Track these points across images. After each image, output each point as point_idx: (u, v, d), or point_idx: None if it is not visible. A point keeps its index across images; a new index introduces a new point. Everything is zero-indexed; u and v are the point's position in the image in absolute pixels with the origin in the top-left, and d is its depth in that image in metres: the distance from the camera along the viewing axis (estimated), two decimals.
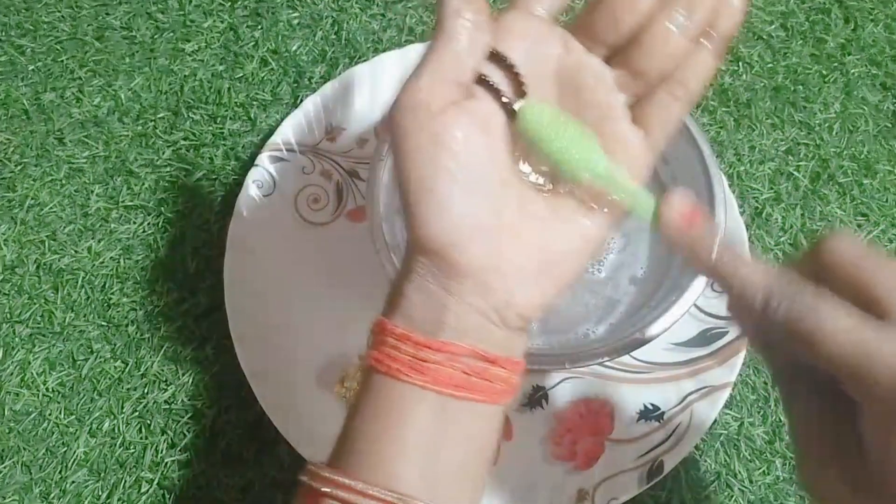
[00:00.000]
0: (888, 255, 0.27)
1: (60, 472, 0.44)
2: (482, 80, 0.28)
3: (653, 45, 0.28)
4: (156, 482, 0.44)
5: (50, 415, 0.45)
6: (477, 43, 0.28)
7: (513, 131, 0.29)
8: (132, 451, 0.45)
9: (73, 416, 0.45)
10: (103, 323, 0.47)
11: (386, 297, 0.29)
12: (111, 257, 0.49)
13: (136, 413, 0.45)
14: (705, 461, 0.44)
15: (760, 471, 0.44)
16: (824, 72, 0.55)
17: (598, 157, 0.28)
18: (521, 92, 0.28)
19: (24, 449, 0.45)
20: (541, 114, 0.28)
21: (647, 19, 0.28)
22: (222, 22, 0.56)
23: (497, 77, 0.28)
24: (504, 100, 0.28)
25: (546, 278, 0.28)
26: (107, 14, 0.56)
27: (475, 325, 0.28)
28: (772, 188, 0.51)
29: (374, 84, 0.51)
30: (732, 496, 0.44)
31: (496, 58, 0.28)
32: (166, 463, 0.44)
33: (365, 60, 0.52)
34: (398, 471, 0.27)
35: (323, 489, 0.27)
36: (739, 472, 0.44)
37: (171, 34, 0.55)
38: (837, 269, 0.26)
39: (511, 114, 0.28)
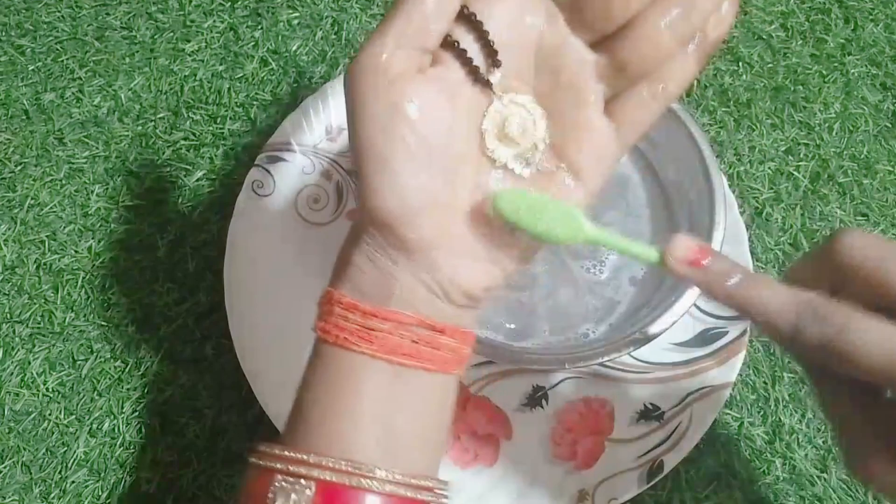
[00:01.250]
0: None
1: (60, 472, 0.44)
2: (451, 45, 0.26)
3: (640, 41, 0.27)
4: (156, 482, 0.44)
5: (50, 415, 0.45)
6: (446, 5, 0.26)
7: (483, 126, 0.28)
8: (132, 451, 0.45)
9: (73, 416, 0.45)
10: (103, 323, 0.47)
11: (333, 266, 0.29)
12: (111, 257, 0.49)
13: (136, 413, 0.45)
14: (705, 461, 0.44)
15: (760, 471, 0.44)
16: (824, 72, 0.55)
17: (583, 229, 0.27)
18: (493, 62, 0.27)
19: (24, 449, 0.45)
20: (516, 200, 0.27)
21: (639, 14, 0.27)
22: (222, 22, 0.56)
23: (468, 42, 0.27)
24: (475, 66, 0.26)
25: (493, 260, 0.28)
26: (107, 14, 0.56)
27: (423, 298, 0.27)
28: (772, 188, 0.51)
29: None
30: (732, 496, 0.44)
31: (469, 21, 0.26)
32: (166, 463, 0.44)
33: None
34: (353, 441, 0.26)
35: (276, 466, 0.26)
36: (739, 472, 0.44)
37: (171, 34, 0.55)
38: (857, 270, 0.25)
39: (485, 83, 0.27)
